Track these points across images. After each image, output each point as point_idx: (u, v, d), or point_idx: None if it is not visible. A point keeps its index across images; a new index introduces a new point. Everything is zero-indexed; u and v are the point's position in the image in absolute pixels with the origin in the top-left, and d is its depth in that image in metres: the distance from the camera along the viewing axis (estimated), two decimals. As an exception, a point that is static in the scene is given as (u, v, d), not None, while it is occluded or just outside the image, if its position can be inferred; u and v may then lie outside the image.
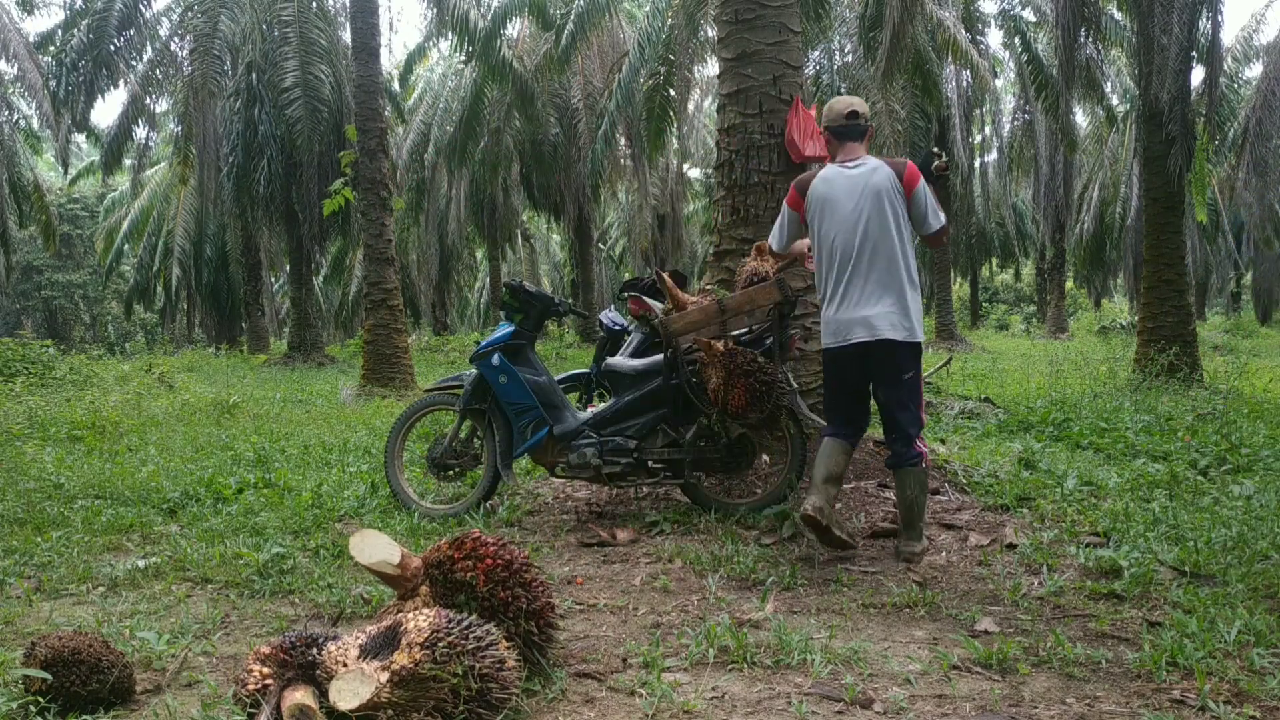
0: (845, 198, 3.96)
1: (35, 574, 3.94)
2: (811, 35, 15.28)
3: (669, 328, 4.64)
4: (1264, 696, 2.60)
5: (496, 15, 17.41)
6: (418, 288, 29.00)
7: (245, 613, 3.44)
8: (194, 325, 31.51)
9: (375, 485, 5.44)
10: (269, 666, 2.37)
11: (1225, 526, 4.28)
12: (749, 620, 3.26)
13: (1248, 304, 36.79)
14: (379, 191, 12.34)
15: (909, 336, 3.93)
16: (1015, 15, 20.34)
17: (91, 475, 5.84)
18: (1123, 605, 3.40)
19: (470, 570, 2.65)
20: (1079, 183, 27.87)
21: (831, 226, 3.99)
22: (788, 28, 5.42)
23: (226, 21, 16.82)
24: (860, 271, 3.94)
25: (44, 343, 14.46)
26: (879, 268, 3.93)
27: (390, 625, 2.38)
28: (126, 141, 20.34)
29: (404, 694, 2.21)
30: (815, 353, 5.52)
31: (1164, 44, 10.40)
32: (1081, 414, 7.79)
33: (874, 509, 4.74)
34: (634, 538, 4.49)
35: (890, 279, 3.93)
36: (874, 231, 3.93)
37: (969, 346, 19.52)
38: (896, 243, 3.94)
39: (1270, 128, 13.05)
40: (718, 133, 5.73)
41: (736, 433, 4.72)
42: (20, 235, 28.48)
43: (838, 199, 3.98)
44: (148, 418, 8.96)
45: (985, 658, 2.85)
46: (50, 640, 2.58)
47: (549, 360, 16.66)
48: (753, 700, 2.61)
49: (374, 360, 12.42)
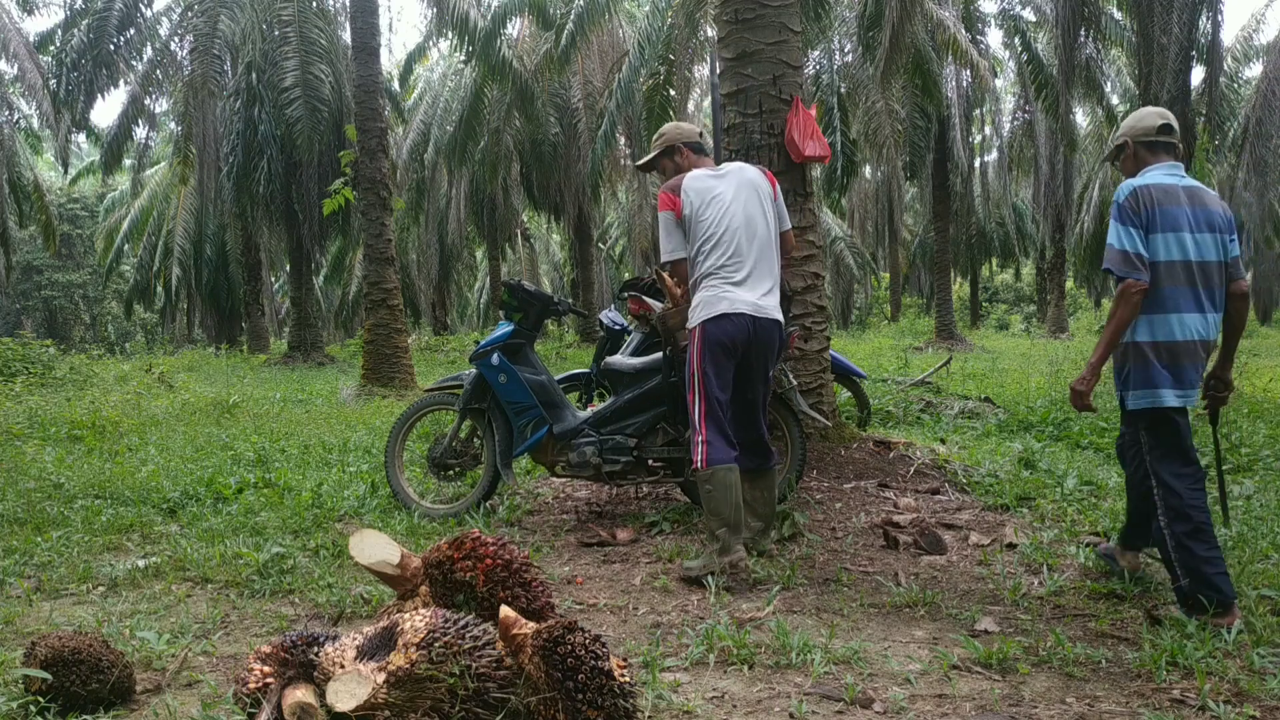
0: (726, 188, 3.98)
1: (35, 574, 3.94)
2: (811, 35, 15.26)
3: (667, 324, 4.64)
4: (1264, 696, 2.59)
5: (496, 15, 17.40)
6: (418, 288, 28.99)
7: (245, 613, 3.44)
8: (194, 325, 31.50)
9: (375, 485, 5.44)
10: (270, 666, 2.37)
11: (1225, 526, 4.28)
12: (749, 620, 3.26)
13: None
14: (379, 191, 12.34)
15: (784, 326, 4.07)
16: (1015, 15, 20.33)
17: (91, 475, 5.84)
18: (1123, 605, 3.40)
19: (470, 570, 2.65)
20: (1079, 182, 27.85)
21: (715, 212, 3.93)
22: (788, 28, 5.42)
23: (226, 21, 16.80)
24: (749, 256, 3.92)
25: (44, 343, 14.46)
26: (766, 255, 3.97)
27: (387, 626, 2.38)
28: (126, 141, 20.33)
29: (401, 694, 2.21)
30: (815, 352, 5.53)
31: (1164, 44, 10.41)
32: (1081, 414, 7.78)
33: (874, 508, 4.74)
34: (634, 538, 4.49)
35: (771, 267, 3.99)
36: (756, 219, 3.96)
37: (969, 346, 19.51)
38: (772, 233, 4.03)
39: (1270, 127, 13.06)
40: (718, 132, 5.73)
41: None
42: (20, 235, 28.51)
43: (718, 189, 3.98)
44: (148, 418, 8.96)
45: (985, 658, 2.85)
46: (50, 640, 2.58)
47: (549, 360, 16.66)
48: (753, 700, 2.61)
49: (374, 360, 12.41)
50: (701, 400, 3.81)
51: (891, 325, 28.69)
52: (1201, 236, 3.30)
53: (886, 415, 7.78)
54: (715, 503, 3.75)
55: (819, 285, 5.54)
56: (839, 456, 5.37)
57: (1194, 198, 3.33)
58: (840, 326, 32.12)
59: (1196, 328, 3.29)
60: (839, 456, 5.37)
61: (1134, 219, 3.28)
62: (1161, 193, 3.30)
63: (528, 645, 2.31)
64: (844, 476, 5.20)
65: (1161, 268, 3.27)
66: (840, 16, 17.60)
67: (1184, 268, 3.28)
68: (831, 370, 5.78)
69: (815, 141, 5.29)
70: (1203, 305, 3.31)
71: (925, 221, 31.20)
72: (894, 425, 7.51)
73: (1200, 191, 3.37)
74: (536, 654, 2.27)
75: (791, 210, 5.39)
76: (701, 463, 3.76)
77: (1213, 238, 3.31)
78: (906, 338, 22.21)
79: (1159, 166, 3.39)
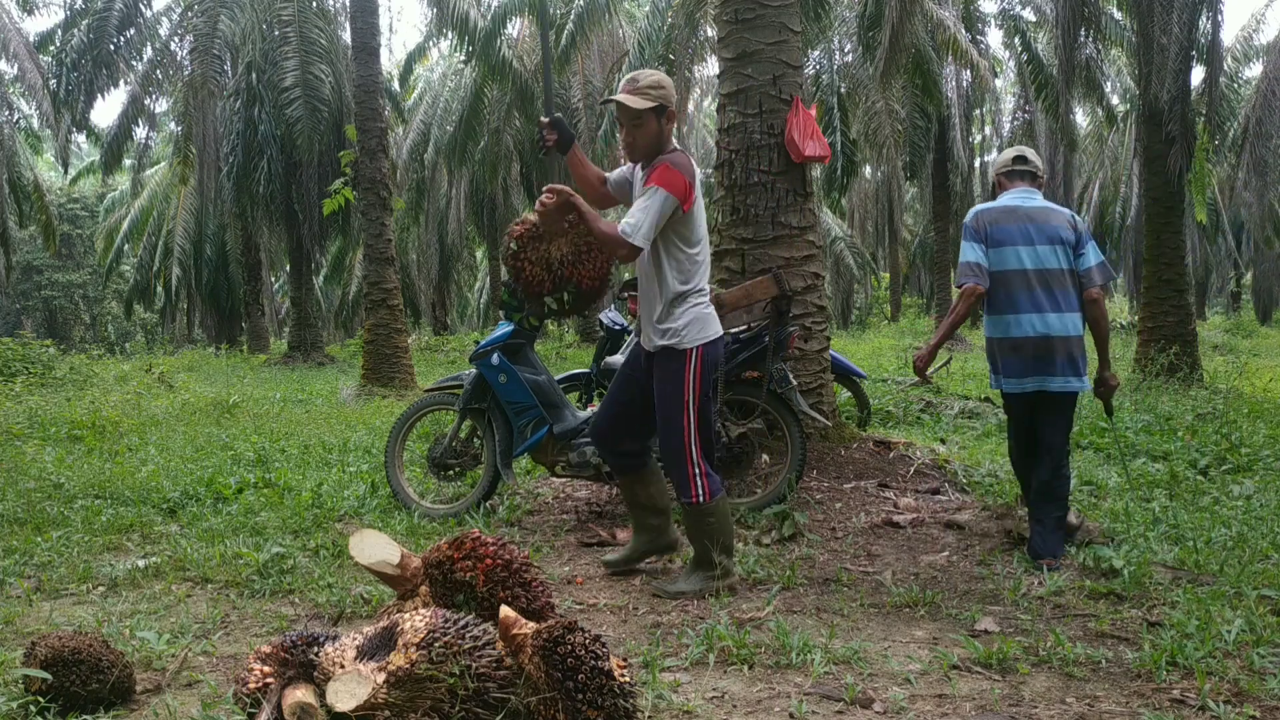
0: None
1: (35, 574, 3.94)
2: (811, 35, 15.26)
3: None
4: (1264, 696, 2.59)
5: (496, 15, 17.40)
6: (418, 288, 28.97)
7: (245, 613, 3.44)
8: (194, 325, 31.49)
9: (375, 485, 5.44)
10: (270, 665, 2.37)
11: (1225, 526, 4.28)
12: (749, 620, 3.26)
13: (1248, 304, 36.77)
14: (379, 191, 12.34)
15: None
16: (1015, 15, 20.32)
17: (91, 475, 5.84)
18: (1123, 605, 3.40)
19: (470, 570, 2.64)
20: (1079, 182, 27.86)
21: (703, 216, 3.65)
22: (788, 28, 5.42)
23: (226, 21, 16.80)
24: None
25: (44, 343, 14.46)
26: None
27: (387, 626, 2.37)
28: (126, 141, 20.33)
29: (400, 695, 2.20)
30: (815, 352, 5.53)
31: (1164, 44, 10.40)
32: (1081, 414, 7.78)
33: (874, 508, 4.74)
34: (634, 537, 4.48)
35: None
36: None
37: (969, 346, 19.49)
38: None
39: (1270, 127, 13.05)
40: (718, 133, 5.73)
41: (736, 432, 4.72)
42: (20, 235, 28.49)
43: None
44: (148, 418, 8.95)
45: (985, 657, 2.85)
46: (50, 640, 2.58)
47: (549, 360, 16.65)
48: (753, 700, 2.61)
49: (374, 360, 12.41)
50: (698, 430, 3.51)
51: (891, 325, 28.68)
52: (1043, 248, 3.88)
53: (886, 415, 7.77)
54: (717, 531, 3.59)
55: (819, 285, 5.54)
56: (839, 456, 5.37)
57: (1038, 216, 3.94)
58: (840, 326, 32.10)
59: (1034, 325, 3.86)
60: (839, 456, 5.37)
61: (974, 235, 3.96)
62: (1001, 213, 3.96)
63: (528, 645, 2.31)
64: (844, 476, 5.20)
65: (1000, 276, 3.90)
66: (840, 16, 17.60)
67: (1020, 275, 3.88)
68: (831, 370, 5.78)
69: (815, 141, 5.29)
70: (1041, 306, 3.86)
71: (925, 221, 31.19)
72: (894, 425, 7.51)
73: (1047, 210, 3.97)
74: (537, 654, 2.27)
75: (791, 210, 5.40)
76: (705, 496, 3.53)
77: (1054, 249, 3.89)
78: (906, 338, 22.19)
79: (1011, 191, 4.05)
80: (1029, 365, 3.89)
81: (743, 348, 4.73)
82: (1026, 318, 3.87)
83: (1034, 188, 4.08)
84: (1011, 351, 3.92)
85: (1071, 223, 3.95)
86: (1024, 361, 3.90)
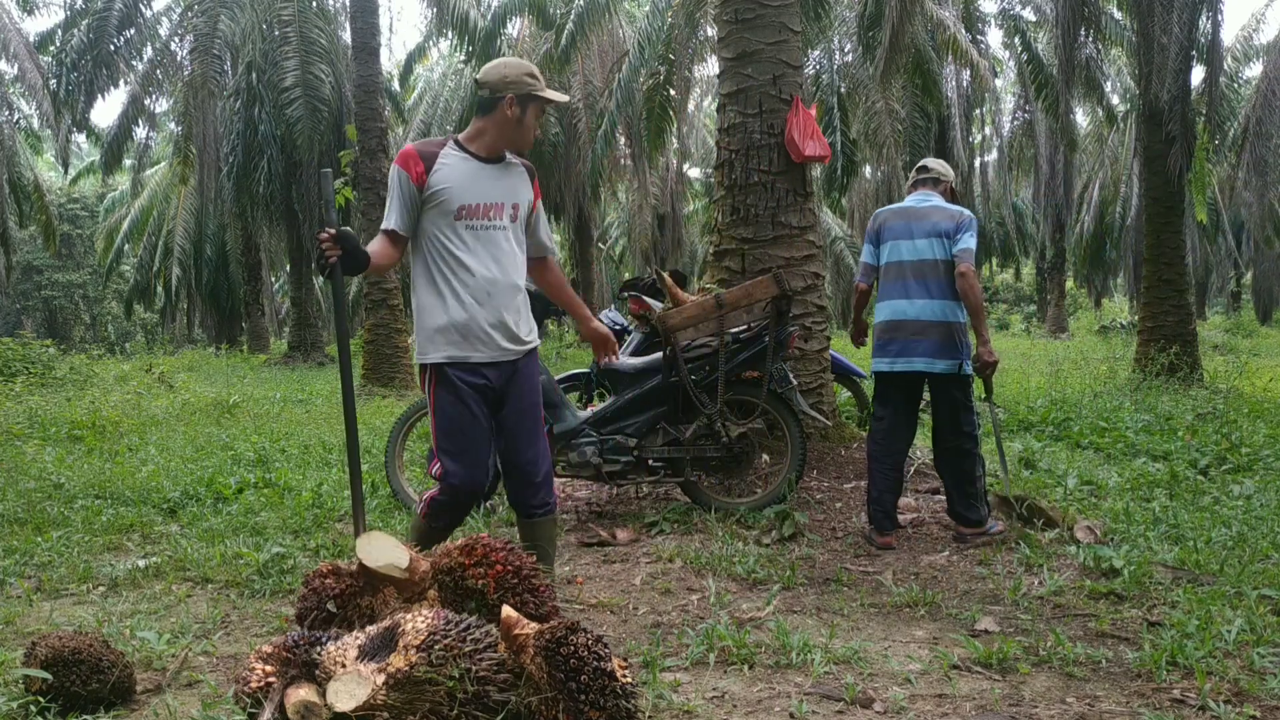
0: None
1: (35, 574, 3.94)
2: (811, 35, 15.24)
3: (667, 324, 4.65)
4: (1264, 696, 2.59)
5: (496, 15, 17.38)
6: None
7: (245, 613, 3.44)
8: (194, 325, 31.49)
9: (375, 485, 5.44)
10: (272, 665, 2.37)
11: (1225, 526, 4.28)
12: (749, 620, 3.26)
13: (1248, 303, 36.76)
14: (379, 191, 12.34)
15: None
16: (1015, 15, 20.30)
17: (91, 475, 5.84)
18: (1123, 605, 3.40)
19: (481, 577, 2.62)
20: (1079, 182, 27.84)
21: None
22: (788, 27, 5.42)
23: (226, 21, 16.79)
24: None
25: (44, 343, 14.45)
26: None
27: (389, 626, 2.37)
28: (126, 141, 20.30)
29: (400, 696, 2.20)
30: (815, 352, 5.53)
31: (1164, 44, 10.39)
32: (1081, 413, 7.79)
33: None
34: (634, 538, 4.49)
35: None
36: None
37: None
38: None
39: (1270, 127, 13.04)
40: (718, 132, 5.73)
41: (736, 432, 4.72)
42: (20, 235, 28.46)
43: None
44: (148, 418, 8.95)
45: (985, 657, 2.85)
46: (50, 640, 2.58)
47: (549, 360, 16.65)
48: (753, 700, 2.61)
49: (374, 360, 12.42)
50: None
51: (891, 325, 28.60)
52: (921, 241, 4.24)
53: (886, 415, 7.76)
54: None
55: (819, 285, 5.54)
56: (839, 456, 5.38)
57: (924, 214, 4.29)
58: (840, 326, 32.10)
59: (903, 310, 4.23)
60: (839, 456, 5.38)
61: (869, 237, 4.45)
62: (893, 214, 4.39)
63: (530, 646, 2.30)
64: (844, 476, 5.20)
65: (885, 268, 4.34)
66: (840, 16, 17.57)
67: (897, 267, 4.28)
68: (831, 370, 5.78)
69: (815, 141, 5.30)
70: (910, 293, 4.22)
71: (925, 221, 31.09)
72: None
73: (932, 209, 4.30)
74: (539, 655, 2.27)
75: (792, 210, 5.40)
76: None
77: (931, 241, 4.22)
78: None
79: (912, 195, 4.45)
80: (899, 346, 4.23)
81: (743, 348, 4.73)
82: (899, 303, 4.25)
83: (934, 191, 4.44)
84: (883, 334, 4.29)
85: (956, 217, 4.24)
86: (894, 343, 4.24)
